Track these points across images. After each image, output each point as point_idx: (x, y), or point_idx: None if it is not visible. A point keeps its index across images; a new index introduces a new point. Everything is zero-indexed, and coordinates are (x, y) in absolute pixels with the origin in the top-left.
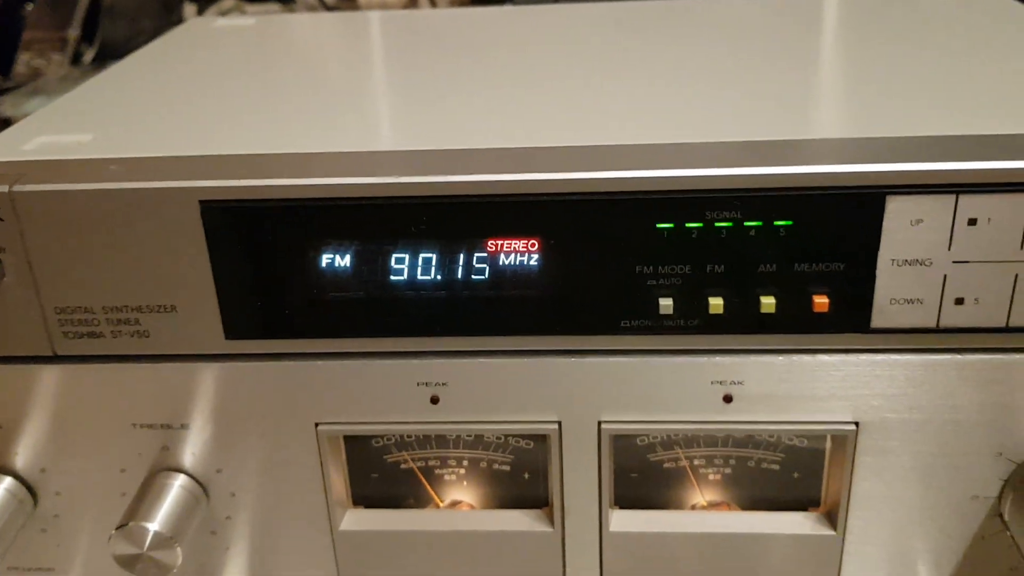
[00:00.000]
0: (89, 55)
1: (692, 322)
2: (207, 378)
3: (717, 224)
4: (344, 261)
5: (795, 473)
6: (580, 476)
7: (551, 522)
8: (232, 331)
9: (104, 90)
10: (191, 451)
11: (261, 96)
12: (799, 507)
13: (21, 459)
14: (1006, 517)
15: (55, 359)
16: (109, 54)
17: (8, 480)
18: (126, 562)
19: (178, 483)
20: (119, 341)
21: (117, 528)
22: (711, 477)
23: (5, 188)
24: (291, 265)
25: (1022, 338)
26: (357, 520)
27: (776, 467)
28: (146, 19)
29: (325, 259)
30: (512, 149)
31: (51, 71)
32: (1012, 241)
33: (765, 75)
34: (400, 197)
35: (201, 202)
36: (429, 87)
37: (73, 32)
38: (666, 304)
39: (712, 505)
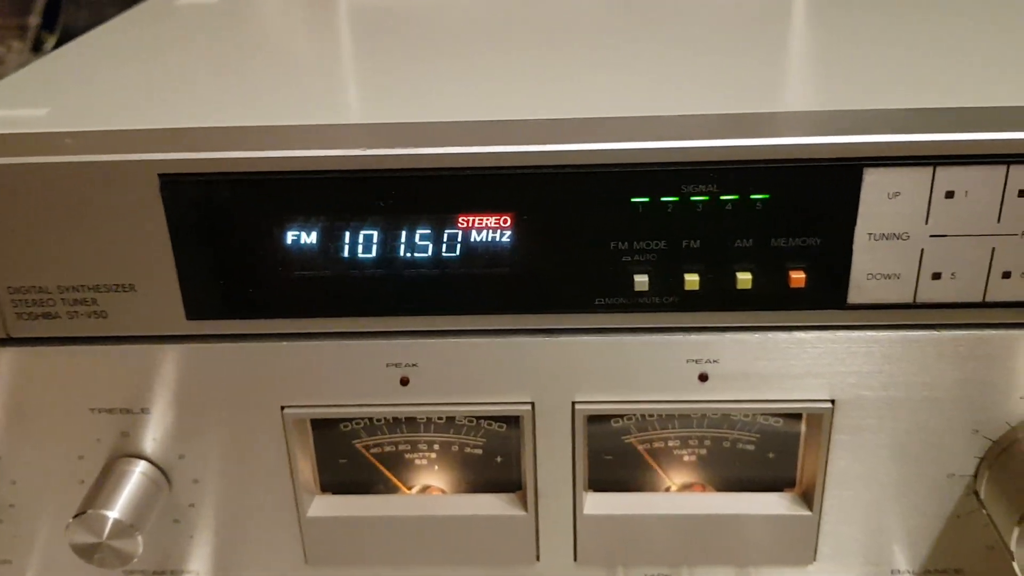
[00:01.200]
0: (50, 43)
1: (668, 299)
2: (168, 360)
3: (693, 198)
4: (310, 238)
5: (770, 453)
6: (554, 458)
7: (524, 506)
8: (194, 311)
9: (60, 65)
10: (152, 436)
11: (224, 70)
12: (774, 488)
13: None
14: (982, 495)
15: (8, 341)
16: (71, 40)
17: None
18: (84, 551)
19: (138, 470)
20: (76, 322)
21: (74, 516)
22: (686, 458)
23: None
24: (255, 242)
25: (999, 313)
26: (325, 506)
27: (751, 447)
28: (110, 7)
29: (290, 235)
30: (484, 122)
31: (11, 59)
32: (989, 214)
33: (742, 48)
34: (367, 170)
35: (160, 176)
36: (398, 61)
37: (34, 20)
38: (641, 281)
39: (686, 487)
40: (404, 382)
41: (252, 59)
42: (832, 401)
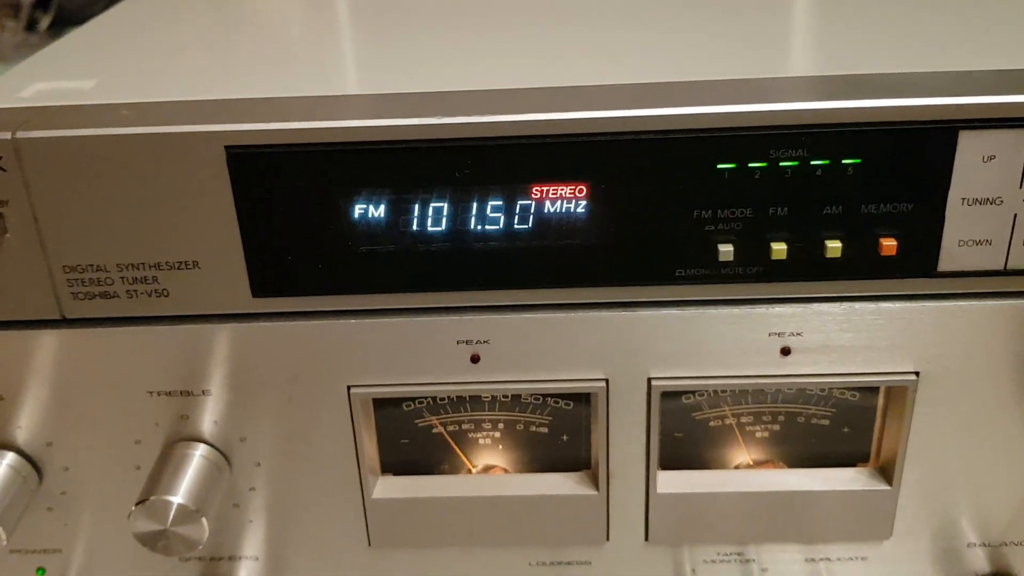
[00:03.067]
0: (45, 21)
1: (752, 269)
2: (231, 339)
3: (782, 163)
4: (378, 211)
5: (845, 428)
6: (627, 435)
7: (595, 485)
8: (260, 288)
9: (94, 38)
10: (212, 419)
11: (273, 41)
12: (845, 463)
13: (25, 432)
14: None
15: (63, 323)
16: (66, 20)
17: (11, 456)
18: (148, 539)
19: (199, 453)
20: (135, 302)
21: (137, 503)
22: (758, 435)
23: (7, 135)
24: (322, 216)
25: None
26: (390, 488)
27: (826, 422)
28: None
29: (358, 209)
30: (558, 88)
31: (5, 38)
32: None
33: (831, 8)
34: (438, 140)
35: (227, 147)
36: (459, 29)
37: None
38: (726, 251)
39: (758, 463)
40: (475, 359)
41: (297, 29)
42: (916, 373)
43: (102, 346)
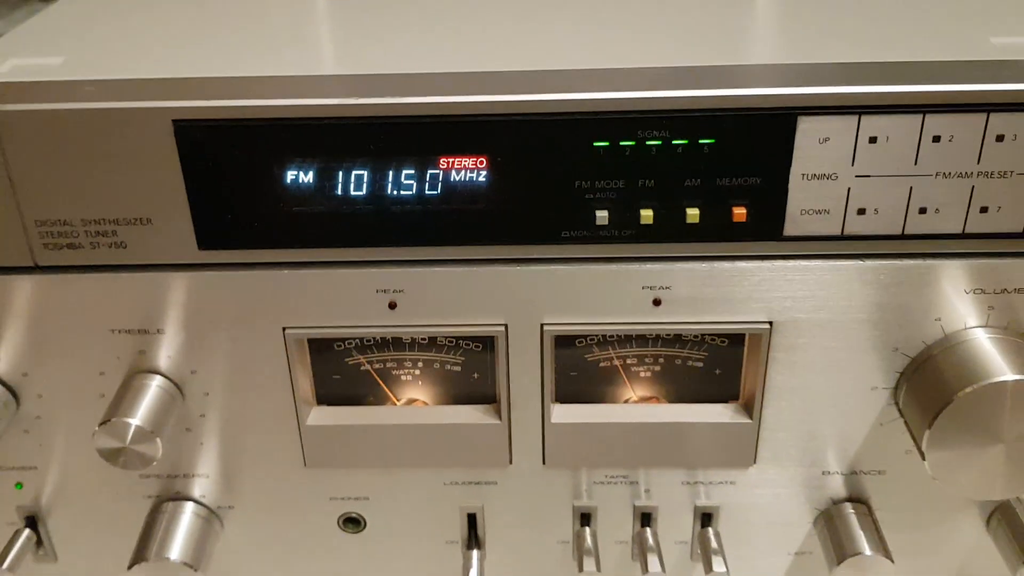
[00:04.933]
0: None
1: (625, 232)
2: (181, 286)
3: (648, 142)
4: (307, 177)
5: (716, 370)
6: (525, 373)
7: (499, 415)
8: (204, 242)
9: (66, 16)
10: (167, 354)
11: (226, 21)
12: (722, 401)
13: (4, 364)
14: (900, 405)
15: (35, 269)
16: None
17: None
18: (110, 455)
19: (155, 383)
20: (97, 252)
21: (100, 424)
22: (642, 375)
23: None
24: (258, 181)
25: (916, 245)
26: (322, 416)
27: (700, 365)
28: None
29: (290, 175)
30: (464, 73)
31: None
32: (907, 157)
33: (693, 6)
34: (357, 117)
35: (174, 121)
36: (386, 17)
37: None
38: (602, 216)
39: (644, 400)
40: (392, 306)
41: (252, 12)
42: (770, 323)
43: (70, 290)
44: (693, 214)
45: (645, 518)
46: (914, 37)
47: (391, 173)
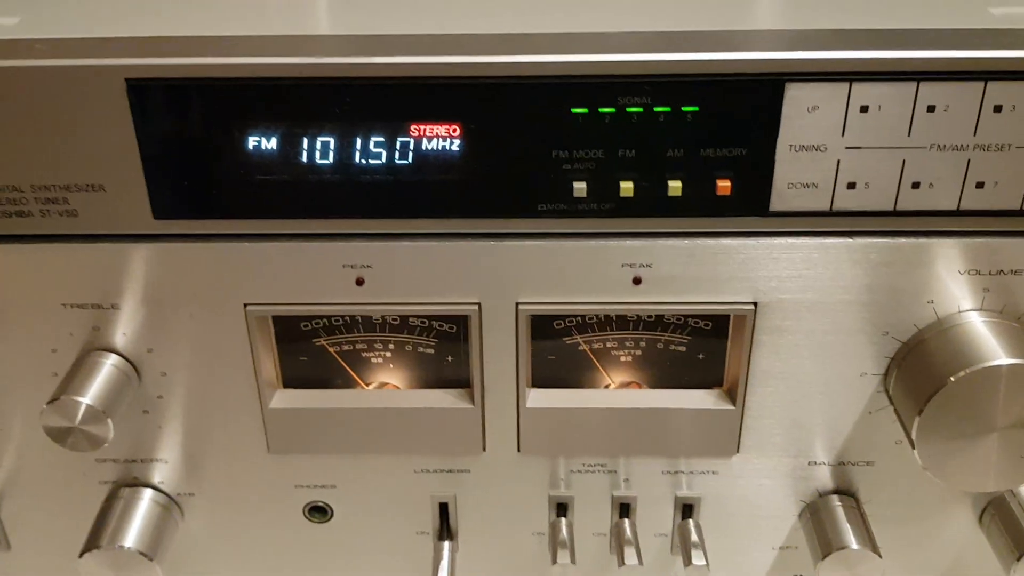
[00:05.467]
0: None
1: (604, 205)
2: (136, 258)
3: (628, 109)
4: (270, 143)
5: (700, 354)
6: (499, 355)
7: (472, 400)
8: (160, 211)
9: None
10: (122, 331)
11: None
12: (705, 388)
13: None
14: (891, 392)
15: None
16: None
17: None
18: (57, 435)
19: (110, 362)
20: (48, 220)
21: (49, 402)
22: (623, 359)
23: None
24: (217, 146)
25: (908, 221)
26: (286, 399)
27: (683, 349)
28: None
29: (251, 141)
30: (437, 35)
31: None
32: (900, 128)
33: None
34: (322, 78)
35: (127, 80)
36: None
37: None
38: (580, 188)
39: (624, 385)
40: (359, 282)
41: None
42: (755, 303)
43: (20, 260)
44: (675, 187)
45: (624, 509)
46: (910, 6)
47: (359, 140)
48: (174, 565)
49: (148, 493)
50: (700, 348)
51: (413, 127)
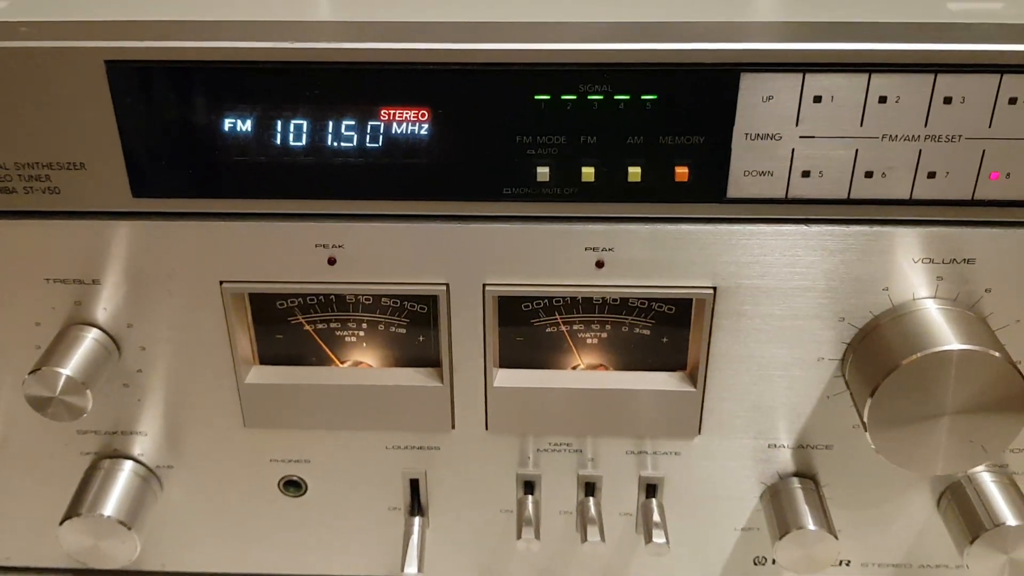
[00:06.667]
0: None
1: (567, 190)
2: (116, 235)
3: (589, 97)
4: (245, 125)
5: (664, 338)
6: (467, 335)
7: (441, 378)
8: (139, 189)
9: None
10: (103, 306)
11: None
12: (669, 370)
13: None
14: (847, 377)
15: None
16: None
17: None
18: (38, 404)
19: (90, 336)
20: (31, 197)
21: (31, 372)
22: (589, 341)
23: None
24: (194, 127)
25: (862, 210)
26: (261, 375)
27: (647, 332)
28: None
29: (227, 122)
30: (405, 23)
31: None
32: (853, 118)
33: None
34: (297, 62)
35: (106, 62)
36: None
37: None
38: (543, 172)
39: (590, 367)
40: (331, 262)
41: None
42: (714, 288)
43: (5, 236)
44: (635, 173)
45: (589, 488)
46: (870, 1)
47: (331, 123)
48: (152, 535)
49: (128, 464)
50: (664, 332)
51: (383, 111)
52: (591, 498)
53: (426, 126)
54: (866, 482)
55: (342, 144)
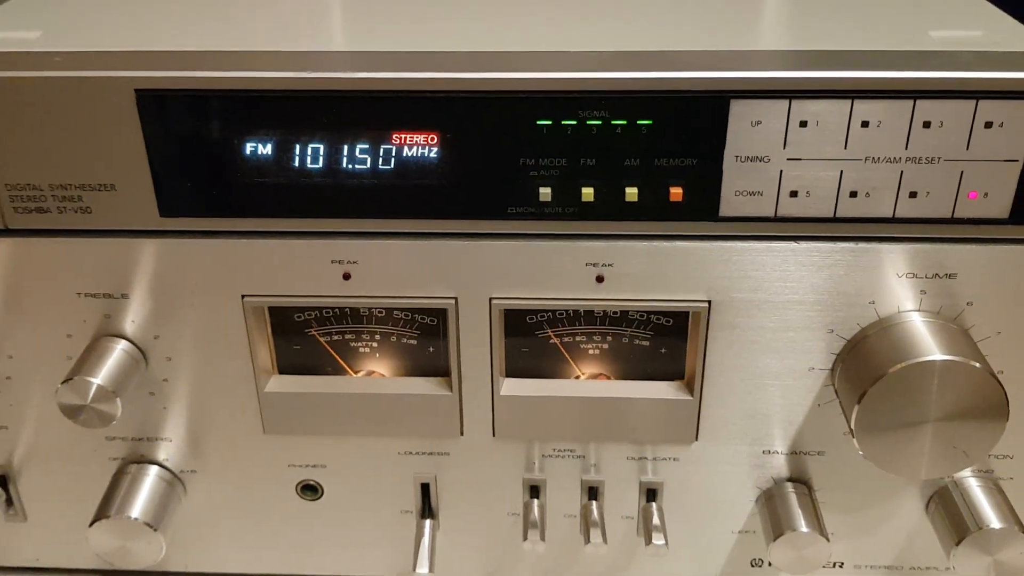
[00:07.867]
0: None
1: (568, 209)
2: (144, 252)
3: (588, 122)
4: (266, 149)
5: (662, 349)
6: (475, 346)
7: (450, 387)
8: (166, 209)
9: None
10: (131, 319)
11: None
12: (667, 379)
13: None
14: (836, 386)
15: (6, 232)
16: None
17: None
18: (71, 412)
19: (119, 347)
20: (64, 216)
21: (63, 381)
22: (591, 352)
23: None
24: (218, 151)
25: (848, 227)
26: (280, 384)
27: (647, 343)
28: None
29: (249, 147)
30: (416, 53)
31: None
32: (837, 142)
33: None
34: (314, 91)
35: (136, 91)
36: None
37: None
38: (545, 192)
39: (592, 376)
40: (346, 277)
41: None
42: (708, 301)
43: (39, 253)
44: (632, 193)
45: (592, 492)
46: (855, 30)
47: (346, 147)
48: (176, 537)
49: (154, 469)
50: (662, 343)
51: (395, 136)
52: (594, 502)
53: (435, 149)
54: (857, 487)
55: (356, 166)
